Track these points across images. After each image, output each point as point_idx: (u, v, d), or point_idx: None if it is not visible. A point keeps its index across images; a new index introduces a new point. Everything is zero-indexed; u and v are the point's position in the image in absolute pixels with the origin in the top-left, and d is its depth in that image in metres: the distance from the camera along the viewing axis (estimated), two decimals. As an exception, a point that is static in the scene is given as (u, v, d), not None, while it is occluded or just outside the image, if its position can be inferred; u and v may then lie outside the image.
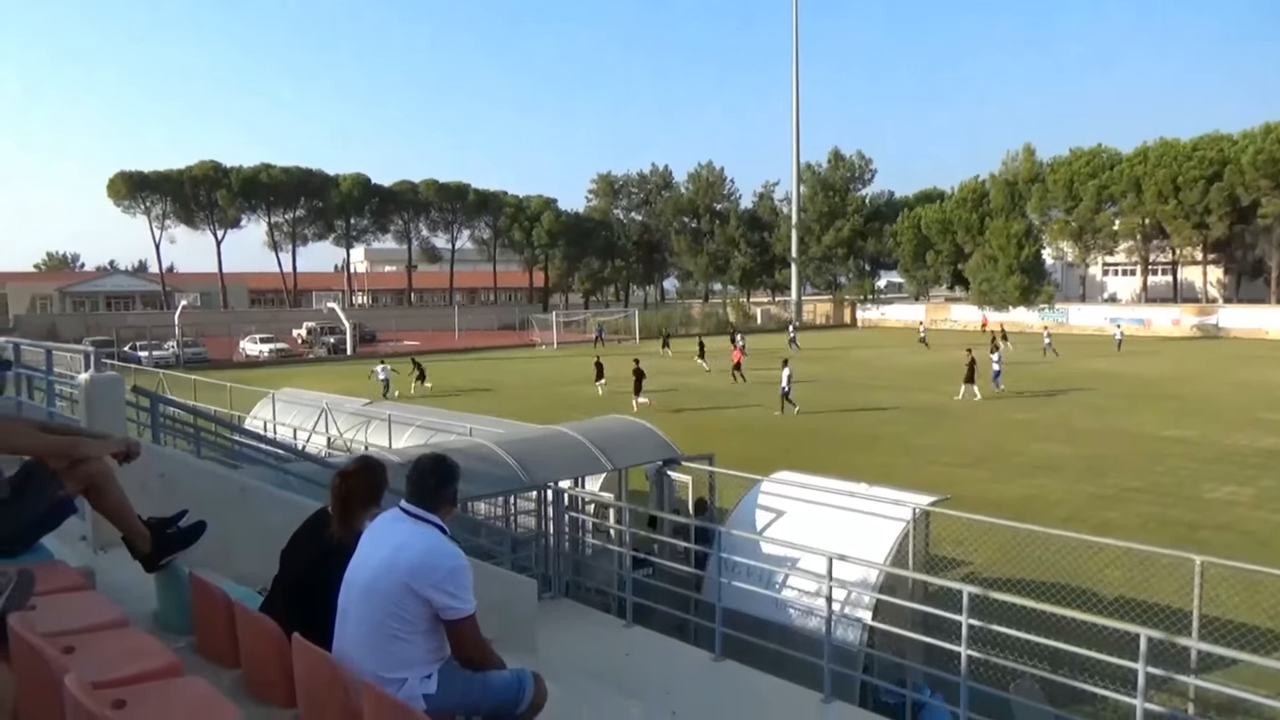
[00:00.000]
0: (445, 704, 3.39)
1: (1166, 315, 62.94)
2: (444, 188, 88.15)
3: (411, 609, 3.31)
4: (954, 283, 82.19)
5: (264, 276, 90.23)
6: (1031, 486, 18.10)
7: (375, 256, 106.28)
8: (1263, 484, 17.89)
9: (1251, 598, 10.00)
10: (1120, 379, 35.79)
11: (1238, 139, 64.46)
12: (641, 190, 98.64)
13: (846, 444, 22.80)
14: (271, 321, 67.02)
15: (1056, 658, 6.39)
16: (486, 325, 77.33)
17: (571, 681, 6.34)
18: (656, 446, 11.56)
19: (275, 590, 3.97)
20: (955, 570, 11.41)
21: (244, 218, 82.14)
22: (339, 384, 31.92)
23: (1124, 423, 25.11)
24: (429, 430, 14.60)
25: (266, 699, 3.73)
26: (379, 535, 3.53)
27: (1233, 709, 7.41)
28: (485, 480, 9.83)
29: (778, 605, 8.66)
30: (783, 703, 6.88)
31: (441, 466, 3.54)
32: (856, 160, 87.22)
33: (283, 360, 52.91)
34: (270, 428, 17.96)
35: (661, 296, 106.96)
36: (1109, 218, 71.66)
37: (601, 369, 34.09)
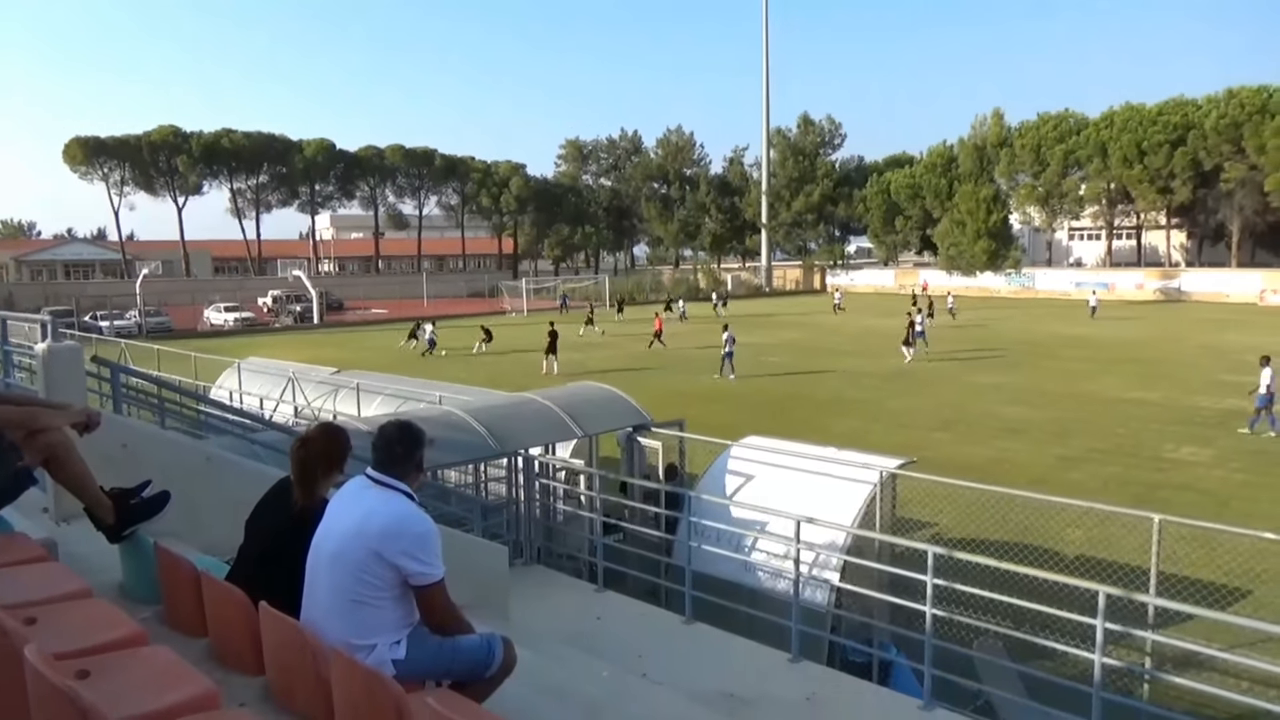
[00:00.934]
0: (415, 669, 3.40)
1: (1130, 279, 63.82)
2: (410, 153, 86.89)
3: (380, 575, 3.30)
4: (923, 248, 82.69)
5: (227, 244, 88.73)
6: (1000, 449, 18.38)
7: (341, 223, 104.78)
8: (1221, 444, 18.30)
9: (1208, 555, 10.26)
10: (1087, 343, 36.33)
11: (1201, 104, 65.07)
12: (611, 155, 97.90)
13: (819, 409, 22.99)
14: (236, 290, 66.07)
15: (1019, 615, 6.52)
16: (455, 293, 76.72)
17: (543, 646, 6.38)
18: (627, 413, 11.58)
19: (241, 559, 3.94)
20: (922, 531, 11.60)
21: (205, 184, 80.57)
22: (306, 353, 31.59)
23: (1090, 386, 25.52)
24: (398, 399, 14.51)
25: (235, 667, 3.72)
26: (346, 502, 3.50)
27: (1187, 662, 7.63)
28: (455, 448, 9.80)
29: (747, 568, 8.76)
30: (752, 663, 6.98)
31: (407, 433, 3.52)
32: (826, 125, 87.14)
33: (248, 329, 52.23)
34: (236, 397, 17.76)
35: (632, 263, 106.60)
36: (1075, 182, 72.29)
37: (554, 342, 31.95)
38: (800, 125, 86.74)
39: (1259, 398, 19.22)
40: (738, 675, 6.74)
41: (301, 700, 3.33)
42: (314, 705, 3.25)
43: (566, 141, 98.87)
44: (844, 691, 6.65)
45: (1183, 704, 6.87)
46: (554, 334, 32.03)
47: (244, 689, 3.56)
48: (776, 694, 6.45)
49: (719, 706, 6.02)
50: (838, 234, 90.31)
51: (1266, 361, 19.26)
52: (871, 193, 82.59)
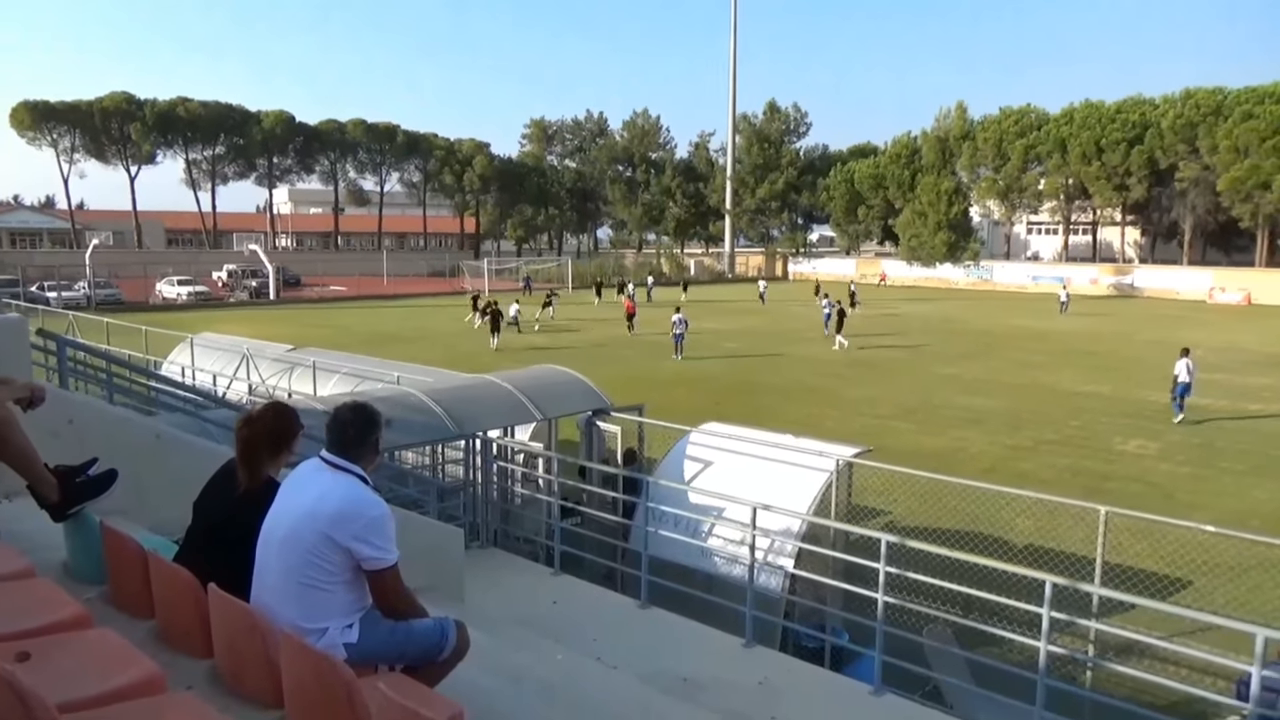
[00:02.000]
0: (366, 653, 3.37)
1: (1085, 274, 64.99)
2: (372, 128, 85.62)
3: (332, 559, 3.26)
4: (884, 238, 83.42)
5: (182, 216, 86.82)
6: (955, 438, 18.66)
7: (300, 198, 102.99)
8: (1168, 438, 18.75)
9: (1152, 545, 10.53)
10: (1044, 336, 36.96)
11: (1159, 103, 66.25)
12: (576, 137, 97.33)
13: (779, 395, 23.15)
14: (190, 263, 64.61)
15: (968, 603, 6.64)
16: (416, 271, 75.90)
17: (498, 629, 6.37)
18: (586, 397, 11.57)
19: (189, 540, 3.87)
20: (876, 519, 11.75)
21: (160, 153, 78.65)
22: (261, 329, 31.08)
23: (1045, 378, 25.99)
24: (355, 378, 14.35)
25: (182, 649, 3.66)
26: (299, 485, 3.45)
27: (1128, 650, 7.83)
28: (412, 429, 9.73)
29: (703, 554, 8.82)
30: (705, 648, 7.03)
31: (361, 415, 3.47)
32: (792, 112, 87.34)
33: (202, 304, 51.29)
34: (188, 373, 17.44)
35: (595, 246, 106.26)
36: (1035, 177, 73.32)
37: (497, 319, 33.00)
38: (766, 112, 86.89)
39: (1177, 386, 20.41)
40: (692, 659, 6.79)
41: (251, 684, 3.28)
42: (263, 689, 3.21)
43: (531, 121, 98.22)
44: (796, 676, 6.73)
45: (1123, 691, 7.04)
46: (496, 313, 33.13)
47: (191, 672, 3.51)
48: (729, 678, 6.51)
49: (672, 690, 6.05)
50: (801, 222, 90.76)
51: (1185, 353, 20.65)
52: (835, 182, 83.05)
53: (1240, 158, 58.61)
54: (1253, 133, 57.75)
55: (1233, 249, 67.91)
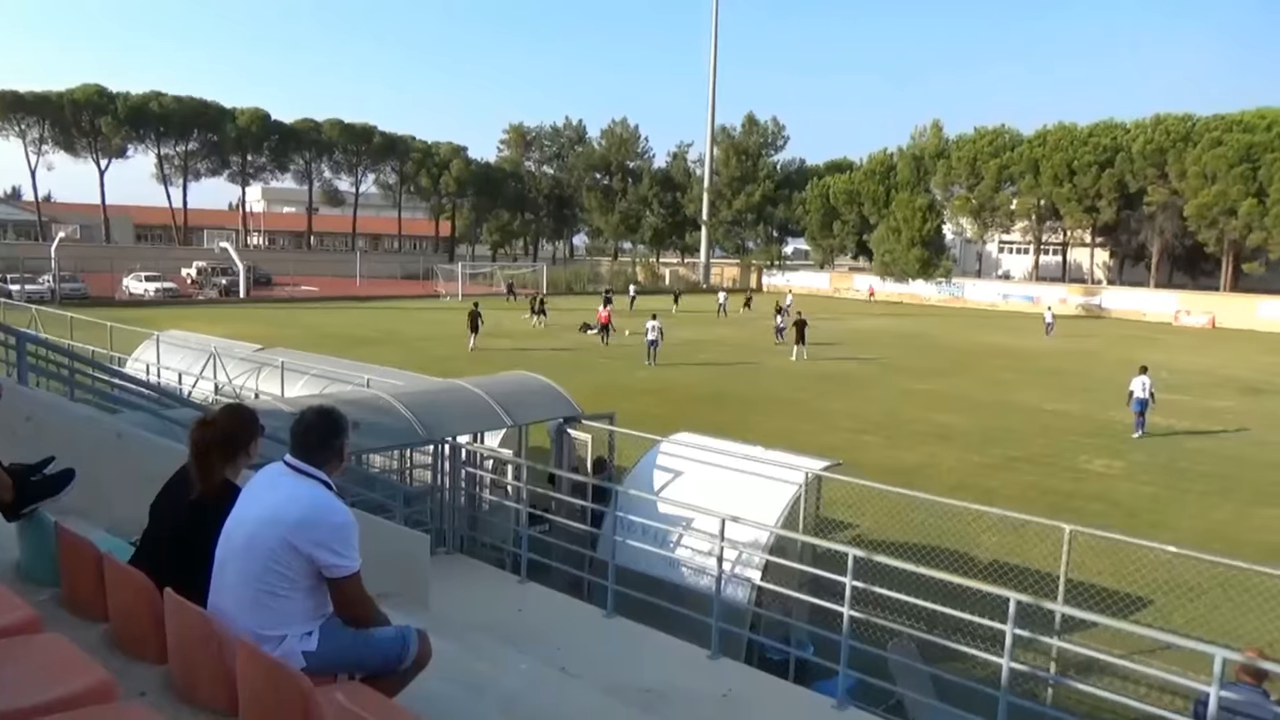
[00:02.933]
0: (326, 661, 3.31)
1: (1054, 294, 65.81)
2: (349, 128, 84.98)
3: (293, 566, 3.21)
4: (858, 253, 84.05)
5: (152, 211, 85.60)
6: (925, 454, 18.79)
7: (273, 196, 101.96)
8: (1133, 458, 19.00)
9: (1114, 564, 10.65)
10: (1014, 354, 37.37)
11: (1130, 128, 67.33)
12: (554, 143, 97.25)
13: (751, 407, 23.21)
14: (159, 259, 63.80)
15: (933, 618, 6.67)
16: (390, 274, 75.40)
17: (463, 636, 6.31)
18: (558, 404, 11.52)
19: (144, 544, 3.79)
20: (844, 533, 11.79)
21: (130, 147, 77.53)
22: (230, 328, 30.71)
23: (1014, 396, 26.26)
24: (324, 379, 14.20)
25: (136, 654, 3.59)
26: (261, 489, 3.40)
27: (1089, 668, 7.90)
28: (381, 433, 9.64)
29: (671, 564, 8.80)
30: (670, 658, 7.01)
31: (326, 421, 3.42)
32: (770, 126, 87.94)
33: (170, 300, 50.61)
34: (153, 371, 17.18)
35: (571, 253, 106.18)
36: (1007, 197, 74.22)
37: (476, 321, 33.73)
38: (745, 125, 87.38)
39: (1135, 402, 21.01)
40: (656, 670, 6.76)
41: (205, 692, 3.22)
42: (218, 697, 3.15)
43: (510, 126, 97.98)
44: (760, 689, 6.72)
45: (1083, 708, 7.11)
46: (476, 314, 33.80)
47: (145, 678, 3.43)
48: (693, 690, 6.49)
49: (635, 701, 6.02)
50: (776, 235, 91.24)
51: (1143, 371, 21.27)
52: (811, 196, 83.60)
53: (1208, 184, 59.70)
54: (1220, 160, 58.86)
55: (1199, 273, 69.16)
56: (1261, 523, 14.76)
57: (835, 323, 48.64)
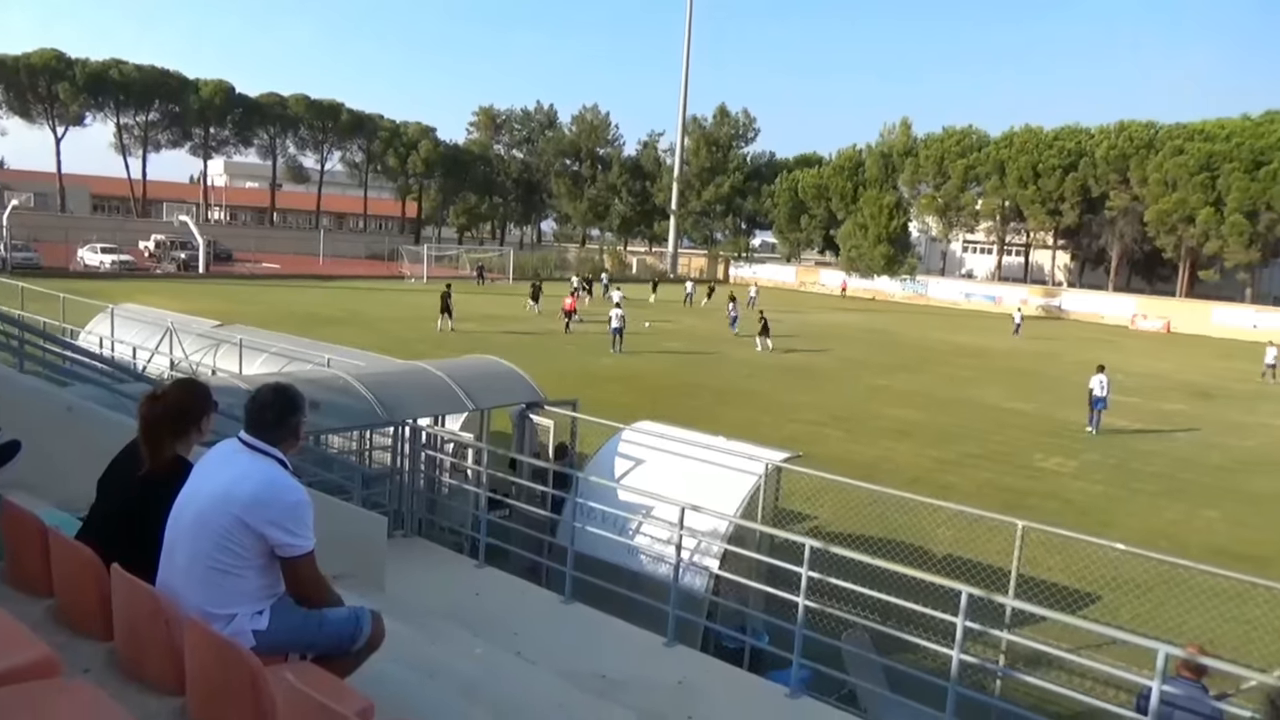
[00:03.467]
0: (276, 641, 3.27)
1: (1016, 294, 66.80)
2: (315, 104, 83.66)
3: (245, 544, 3.16)
4: (825, 247, 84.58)
5: (109, 181, 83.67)
6: (884, 448, 18.99)
7: (236, 171, 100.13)
8: (1086, 457, 19.37)
9: (1065, 560, 10.86)
10: (975, 353, 37.87)
11: (1094, 133, 68.42)
12: (525, 127, 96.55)
13: (714, 396, 23.30)
14: (116, 231, 62.29)
15: (886, 609, 6.75)
16: (354, 253, 74.53)
17: (419, 620, 6.27)
18: (520, 389, 11.47)
19: (91, 519, 3.71)
20: (801, 524, 11.88)
21: (89, 115, 75.67)
22: (187, 303, 30.19)
23: (973, 394, 26.61)
24: (284, 358, 14.01)
25: (81, 631, 3.52)
26: (215, 465, 3.34)
27: (1037, 661, 8.05)
28: (340, 413, 9.53)
29: (630, 552, 8.81)
30: (627, 645, 7.02)
31: (283, 397, 3.36)
32: (742, 118, 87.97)
33: (126, 273, 49.57)
34: (107, 345, 16.83)
35: (538, 238, 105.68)
36: (973, 197, 75.08)
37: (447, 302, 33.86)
38: (716, 116, 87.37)
39: (1094, 400, 21.76)
40: (612, 657, 6.77)
41: (152, 669, 3.16)
42: (165, 675, 3.10)
43: (480, 109, 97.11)
44: (714, 677, 6.76)
45: (1030, 700, 7.24)
46: (448, 296, 34.02)
47: (89, 655, 3.36)
48: (648, 676, 6.51)
49: (590, 687, 6.03)
50: (744, 227, 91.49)
51: (1100, 369, 22.02)
52: (780, 189, 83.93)
53: (1168, 191, 60.88)
54: (1181, 168, 60.03)
55: (1156, 278, 70.55)
56: (1206, 524, 15.14)
57: (801, 316, 48.96)
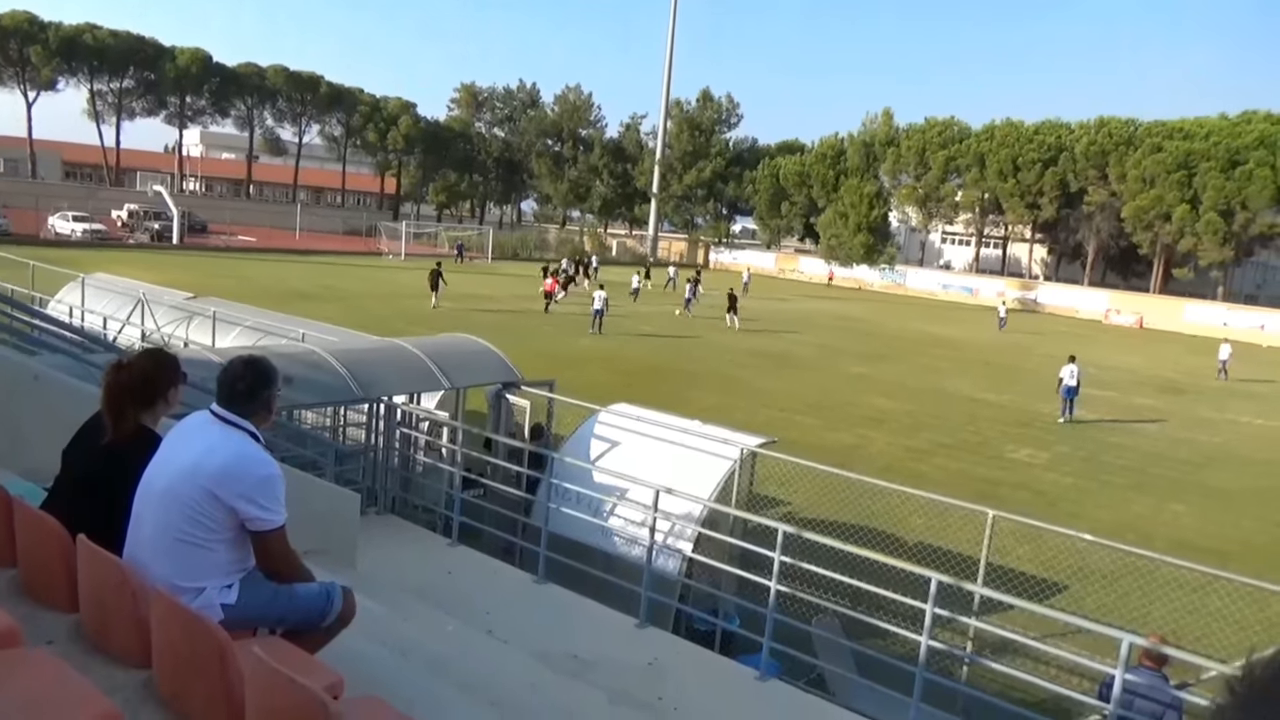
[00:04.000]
0: (245, 615, 3.24)
1: (992, 286, 67.27)
2: (294, 76, 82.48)
3: (215, 517, 3.12)
4: (805, 235, 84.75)
5: (82, 149, 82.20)
6: (858, 436, 19.11)
7: (212, 141, 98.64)
8: (1057, 449, 19.60)
9: (1034, 550, 11.01)
10: (950, 344, 38.14)
11: (1074, 128, 68.85)
12: (507, 106, 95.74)
13: (690, 381, 23.32)
14: (88, 199, 61.29)
15: (857, 595, 6.80)
16: (331, 228, 73.77)
17: (390, 597, 6.25)
18: (497, 368, 11.42)
19: (56, 490, 3.65)
20: (775, 509, 11.95)
21: (61, 80, 74.12)
22: (160, 274, 29.76)
23: (947, 384, 26.83)
24: (258, 332, 13.87)
25: (46, 602, 3.47)
26: (185, 437, 3.29)
27: (1003, 648, 8.15)
28: (314, 389, 9.45)
29: (604, 533, 8.82)
30: (599, 626, 7.03)
31: (255, 370, 3.32)
32: (725, 103, 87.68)
33: (98, 242, 48.78)
34: (77, 314, 16.57)
35: (518, 218, 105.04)
36: (953, 189, 75.40)
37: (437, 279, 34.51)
38: (700, 100, 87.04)
39: (1064, 389, 22.47)
40: (584, 637, 6.78)
41: (117, 642, 3.12)
42: (131, 648, 3.06)
43: (461, 86, 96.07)
44: (685, 658, 6.79)
45: (995, 686, 7.33)
46: (438, 273, 34.63)
47: (53, 626, 3.32)
48: (619, 657, 6.53)
49: (561, 667, 6.04)
50: (725, 212, 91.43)
51: (1072, 359, 22.57)
52: (761, 175, 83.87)
53: (1146, 188, 61.44)
54: (1159, 165, 60.59)
55: (1130, 274, 71.31)
56: (1172, 517, 15.38)
57: (780, 304, 49.07)
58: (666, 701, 5.88)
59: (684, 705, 5.88)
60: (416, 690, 4.10)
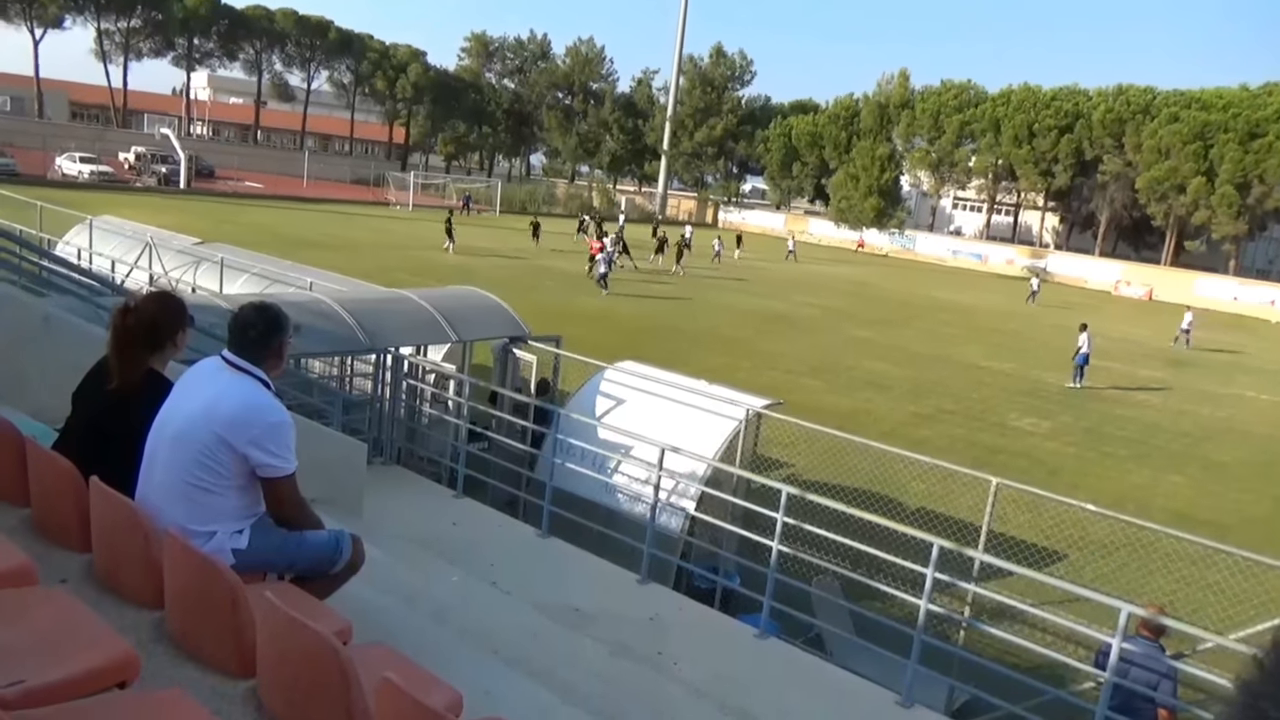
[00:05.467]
0: (256, 560, 3.28)
1: (1002, 254, 66.91)
2: (303, 20, 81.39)
3: (225, 462, 3.14)
4: (816, 196, 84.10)
5: (89, 89, 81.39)
6: (861, 400, 19.13)
7: (220, 85, 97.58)
8: (1060, 419, 19.61)
9: (1034, 518, 11.06)
10: (957, 310, 38.00)
11: (1092, 95, 67.89)
12: (517, 56, 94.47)
13: (695, 341, 23.31)
14: (95, 140, 60.90)
15: (858, 557, 6.85)
16: (339, 177, 73.33)
17: (395, 546, 6.31)
18: (505, 322, 11.40)
19: (66, 432, 3.67)
20: (778, 470, 12.00)
21: (68, 18, 73.21)
22: (168, 218, 29.67)
23: (953, 351, 26.79)
24: (265, 279, 13.84)
25: (59, 542, 3.50)
26: (197, 382, 3.30)
27: (1001, 614, 8.23)
28: (322, 338, 9.45)
29: (608, 489, 8.87)
30: (601, 581, 7.11)
31: (266, 316, 3.31)
32: (738, 59, 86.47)
33: (105, 185, 48.54)
34: (85, 256, 16.56)
35: (527, 171, 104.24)
36: (966, 153, 74.60)
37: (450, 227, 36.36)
38: (712, 56, 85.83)
39: (1079, 356, 22.79)
40: (586, 591, 6.86)
41: (129, 583, 3.16)
42: (142, 588, 3.10)
43: (472, 35, 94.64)
44: (686, 614, 6.87)
45: (991, 651, 7.41)
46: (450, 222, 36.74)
47: (66, 565, 3.36)
48: (621, 611, 6.61)
49: (563, 619, 6.11)
50: (735, 171, 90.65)
51: (1084, 328, 22.78)
52: (773, 135, 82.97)
53: (1161, 158, 60.73)
54: (1176, 136, 59.82)
55: (1142, 245, 70.75)
56: (1171, 488, 15.43)
57: (794, 266, 48.82)
58: (666, 656, 5.96)
59: (684, 660, 5.96)
60: (422, 637, 4.15)
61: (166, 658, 2.89)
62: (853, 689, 6.15)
